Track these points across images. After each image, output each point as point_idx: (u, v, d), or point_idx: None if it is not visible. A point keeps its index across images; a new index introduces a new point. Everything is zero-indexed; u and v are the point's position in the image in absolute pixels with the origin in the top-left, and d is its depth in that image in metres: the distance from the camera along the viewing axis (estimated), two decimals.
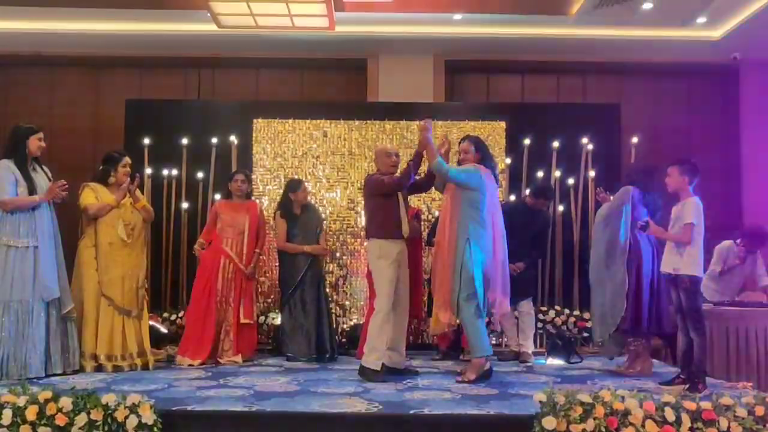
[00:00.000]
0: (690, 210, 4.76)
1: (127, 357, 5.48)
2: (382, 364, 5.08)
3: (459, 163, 5.40)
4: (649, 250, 5.43)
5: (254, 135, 7.58)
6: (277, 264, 6.88)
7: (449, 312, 5.03)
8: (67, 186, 5.23)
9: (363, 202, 5.79)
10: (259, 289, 7.21)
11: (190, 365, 5.77)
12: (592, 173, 7.34)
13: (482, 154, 5.28)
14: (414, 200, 7.25)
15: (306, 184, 6.70)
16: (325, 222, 6.92)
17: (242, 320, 6.05)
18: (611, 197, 5.75)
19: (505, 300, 5.15)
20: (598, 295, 5.60)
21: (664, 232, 4.91)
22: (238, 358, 5.96)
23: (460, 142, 5.46)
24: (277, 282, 6.87)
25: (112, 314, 5.48)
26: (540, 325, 6.80)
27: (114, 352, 5.45)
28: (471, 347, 5.12)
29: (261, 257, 6.51)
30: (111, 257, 5.51)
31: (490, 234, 5.07)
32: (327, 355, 6.19)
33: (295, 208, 6.43)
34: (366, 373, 5.04)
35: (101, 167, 5.72)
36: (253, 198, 7.33)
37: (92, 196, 5.55)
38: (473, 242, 4.96)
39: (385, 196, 5.25)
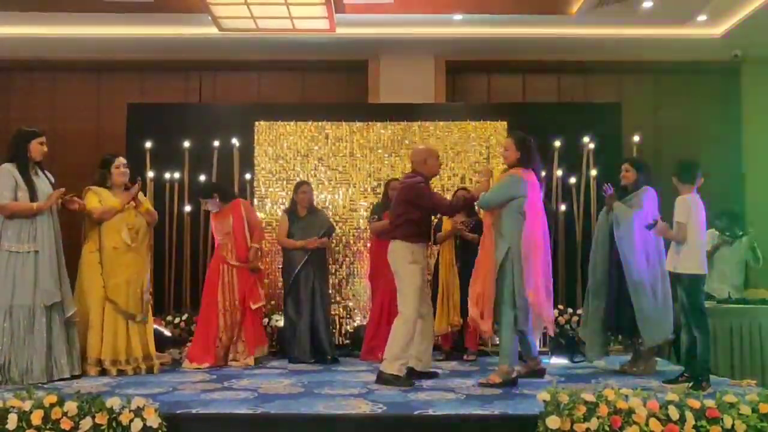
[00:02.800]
0: (678, 208, 4.80)
1: (132, 361, 5.47)
2: (410, 368, 5.07)
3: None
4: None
5: (256, 137, 7.59)
6: (280, 266, 6.90)
7: (491, 320, 4.98)
8: (65, 193, 5.28)
9: (394, 202, 5.47)
10: (263, 292, 7.23)
11: (196, 368, 5.77)
12: (593, 172, 7.34)
13: (522, 154, 5.04)
14: None
15: (309, 186, 6.64)
16: (335, 228, 6.90)
17: (253, 306, 6.09)
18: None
19: (549, 304, 4.99)
20: (639, 299, 5.35)
21: (669, 232, 4.91)
22: (251, 360, 5.97)
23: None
24: (279, 284, 6.90)
25: (117, 318, 5.47)
26: None
27: (118, 357, 5.43)
28: (502, 352, 4.97)
29: (259, 252, 6.41)
30: (116, 261, 5.50)
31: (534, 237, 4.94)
32: (328, 357, 6.18)
33: (299, 209, 6.45)
34: (388, 380, 4.90)
35: (99, 171, 5.70)
36: (256, 198, 7.39)
37: (96, 199, 5.53)
38: (515, 248, 4.89)
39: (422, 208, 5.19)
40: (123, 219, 5.55)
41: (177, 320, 6.95)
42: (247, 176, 7.43)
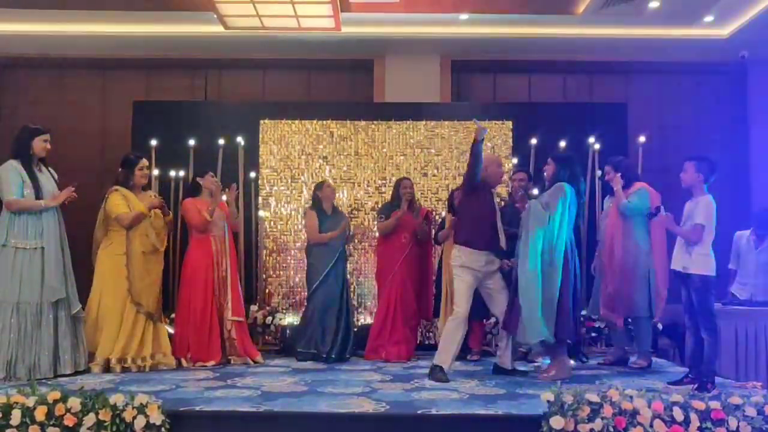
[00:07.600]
0: (702, 210, 4.72)
1: (139, 360, 5.50)
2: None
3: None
4: None
5: (261, 136, 7.60)
6: (285, 265, 6.90)
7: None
8: (74, 190, 5.28)
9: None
10: (267, 290, 7.23)
11: (203, 366, 5.77)
12: (599, 173, 7.31)
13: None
14: (425, 201, 7.27)
15: (330, 181, 6.75)
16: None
17: (233, 318, 6.00)
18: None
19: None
20: None
21: (675, 226, 4.87)
22: (248, 359, 5.97)
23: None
24: (284, 283, 6.88)
25: (138, 320, 5.54)
26: None
27: (126, 355, 5.46)
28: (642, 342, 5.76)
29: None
30: (145, 266, 5.59)
31: None
32: (335, 355, 6.13)
33: (325, 206, 6.43)
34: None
35: (121, 171, 5.74)
36: (260, 196, 7.39)
37: (124, 204, 5.55)
38: None
39: None
40: (149, 223, 5.63)
41: None
42: (252, 174, 7.42)
